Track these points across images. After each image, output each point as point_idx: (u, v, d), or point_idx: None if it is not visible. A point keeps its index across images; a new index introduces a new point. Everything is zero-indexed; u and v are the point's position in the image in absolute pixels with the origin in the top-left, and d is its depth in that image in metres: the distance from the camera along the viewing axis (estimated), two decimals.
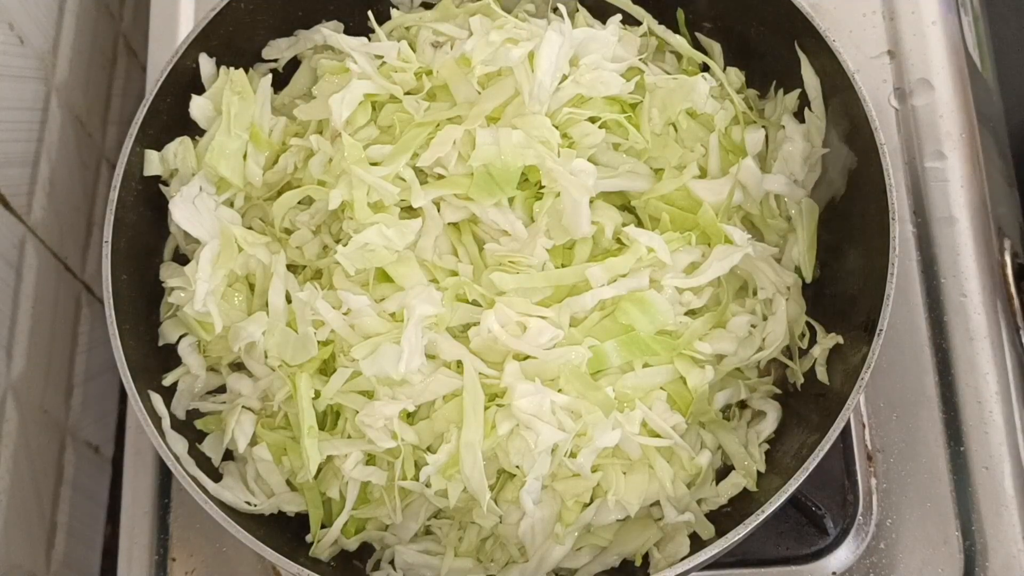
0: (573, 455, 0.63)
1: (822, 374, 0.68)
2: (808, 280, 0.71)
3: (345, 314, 0.65)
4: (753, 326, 0.69)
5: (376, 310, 0.65)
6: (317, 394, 0.64)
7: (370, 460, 0.65)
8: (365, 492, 0.66)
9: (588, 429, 0.62)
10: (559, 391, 0.63)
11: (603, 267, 0.65)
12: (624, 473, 0.64)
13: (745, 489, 0.67)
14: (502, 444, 0.62)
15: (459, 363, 0.64)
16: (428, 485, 0.63)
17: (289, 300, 0.67)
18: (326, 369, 0.66)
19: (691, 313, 0.68)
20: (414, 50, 0.71)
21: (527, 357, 0.64)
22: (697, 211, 0.69)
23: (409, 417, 0.65)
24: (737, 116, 0.74)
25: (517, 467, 0.62)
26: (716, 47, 0.77)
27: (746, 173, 0.70)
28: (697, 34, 0.78)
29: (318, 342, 0.65)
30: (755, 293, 0.70)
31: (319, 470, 0.65)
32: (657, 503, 0.65)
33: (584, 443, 0.63)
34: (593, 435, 0.62)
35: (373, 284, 0.66)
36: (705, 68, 0.76)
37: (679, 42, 0.76)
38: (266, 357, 0.67)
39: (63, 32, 0.85)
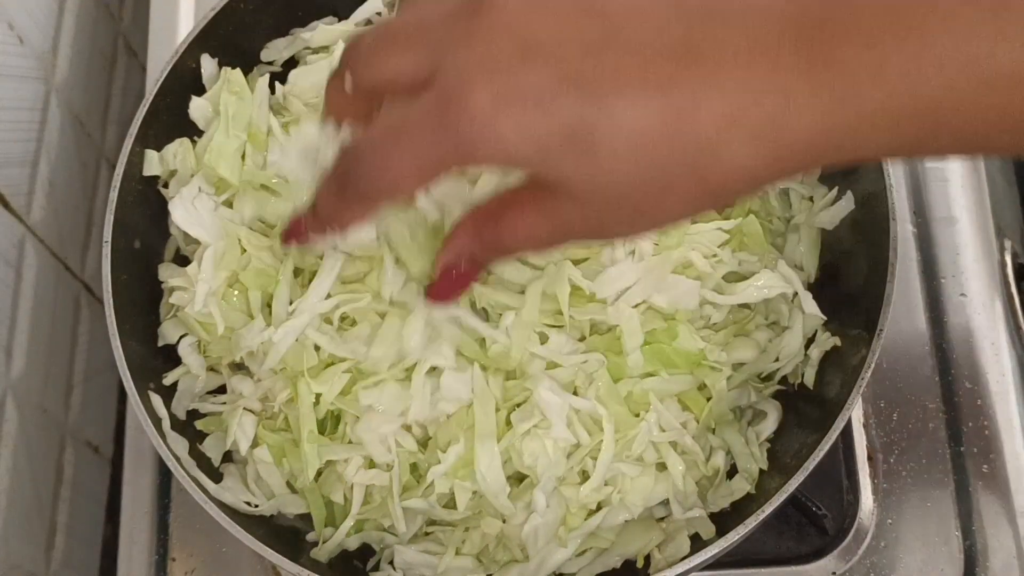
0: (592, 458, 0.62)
1: (810, 376, 0.68)
2: (810, 280, 0.71)
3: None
4: (769, 340, 0.69)
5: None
6: (318, 399, 0.64)
7: (373, 463, 0.65)
8: (367, 495, 0.66)
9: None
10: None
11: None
12: (631, 477, 0.64)
13: None
14: (516, 445, 0.62)
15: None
16: (433, 490, 0.63)
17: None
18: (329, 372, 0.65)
19: (710, 326, 0.68)
20: None
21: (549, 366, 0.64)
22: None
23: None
24: None
25: (530, 468, 0.62)
26: None
27: None
28: None
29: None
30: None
31: (320, 473, 0.65)
32: (659, 504, 0.65)
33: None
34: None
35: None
36: None
37: None
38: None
39: (63, 32, 0.85)
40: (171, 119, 0.71)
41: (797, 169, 0.39)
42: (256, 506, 0.66)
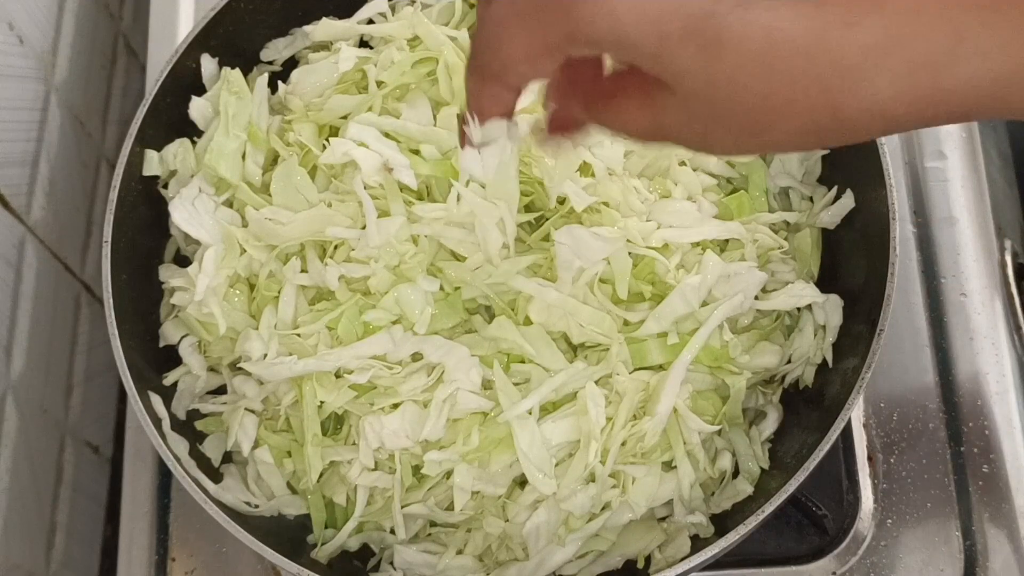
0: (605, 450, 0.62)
1: (809, 375, 0.68)
2: (812, 279, 0.71)
3: None
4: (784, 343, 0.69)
5: None
6: (322, 403, 0.64)
7: (376, 464, 0.65)
8: (370, 496, 0.66)
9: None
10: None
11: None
12: (634, 479, 0.64)
13: None
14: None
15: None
16: (433, 493, 0.63)
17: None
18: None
19: (735, 328, 0.68)
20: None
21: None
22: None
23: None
24: None
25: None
26: None
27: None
28: None
29: None
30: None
31: (321, 473, 0.65)
32: (662, 504, 0.65)
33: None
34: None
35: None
36: None
37: None
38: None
39: (63, 32, 0.85)
40: (171, 119, 0.71)
41: (943, 119, 0.35)
42: (256, 507, 0.66)
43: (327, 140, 0.68)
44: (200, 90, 0.72)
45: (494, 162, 0.55)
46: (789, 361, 0.68)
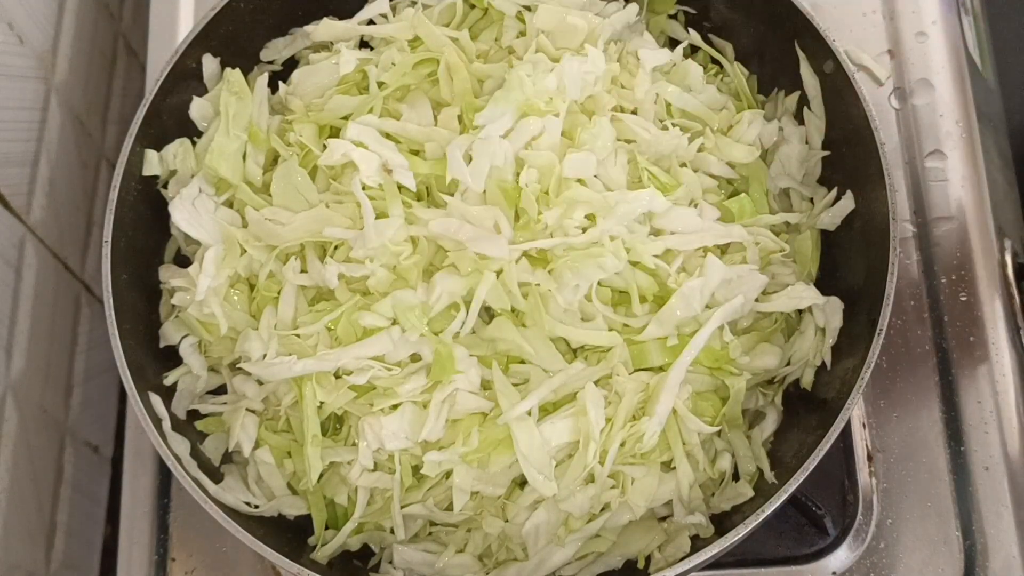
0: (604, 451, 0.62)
1: (808, 377, 0.68)
2: (811, 281, 0.71)
3: None
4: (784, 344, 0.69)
5: None
6: (322, 403, 0.64)
7: (376, 464, 0.65)
8: (370, 497, 0.66)
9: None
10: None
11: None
12: (633, 480, 0.64)
13: None
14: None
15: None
16: (447, 477, 0.63)
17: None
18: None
19: (735, 330, 0.68)
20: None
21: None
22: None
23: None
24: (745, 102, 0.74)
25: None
26: (728, 47, 0.77)
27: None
28: (711, 36, 0.78)
29: None
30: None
31: (321, 474, 0.65)
32: (662, 504, 0.65)
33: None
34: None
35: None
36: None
37: (695, 37, 0.76)
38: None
39: (63, 32, 0.85)
40: (171, 119, 0.71)
41: None
42: (256, 507, 0.66)
43: (327, 141, 0.68)
44: (200, 90, 0.72)
45: (485, 168, 0.55)
46: (789, 363, 0.68)
